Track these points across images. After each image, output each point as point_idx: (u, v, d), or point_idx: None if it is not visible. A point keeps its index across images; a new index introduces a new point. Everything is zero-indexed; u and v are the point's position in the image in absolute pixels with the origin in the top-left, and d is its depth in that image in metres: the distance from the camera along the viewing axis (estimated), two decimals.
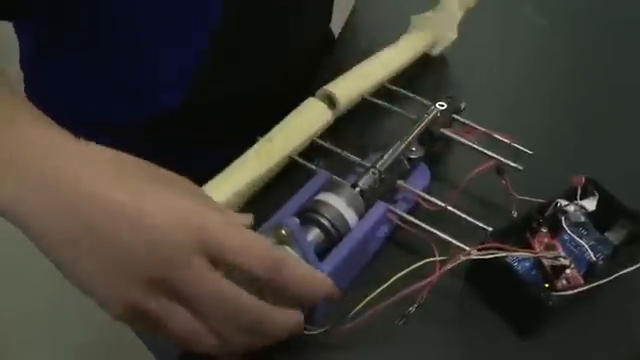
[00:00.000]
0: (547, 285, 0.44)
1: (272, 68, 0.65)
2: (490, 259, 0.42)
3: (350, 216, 0.43)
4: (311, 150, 0.54)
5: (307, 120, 0.53)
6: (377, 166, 0.47)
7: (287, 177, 0.52)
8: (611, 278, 0.43)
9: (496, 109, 0.64)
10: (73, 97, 0.62)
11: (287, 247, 0.38)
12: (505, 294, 0.44)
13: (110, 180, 0.33)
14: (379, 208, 0.45)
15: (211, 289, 0.33)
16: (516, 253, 0.42)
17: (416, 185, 0.50)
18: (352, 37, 0.76)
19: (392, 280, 0.39)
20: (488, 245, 0.42)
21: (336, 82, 0.56)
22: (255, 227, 0.41)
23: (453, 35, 0.68)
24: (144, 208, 0.32)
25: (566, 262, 0.44)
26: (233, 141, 0.50)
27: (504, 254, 0.42)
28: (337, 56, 0.72)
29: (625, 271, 0.43)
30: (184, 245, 0.32)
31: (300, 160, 0.51)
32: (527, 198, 0.49)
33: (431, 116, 0.53)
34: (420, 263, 0.40)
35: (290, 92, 0.57)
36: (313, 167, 0.50)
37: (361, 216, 0.44)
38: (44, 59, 0.62)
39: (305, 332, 0.41)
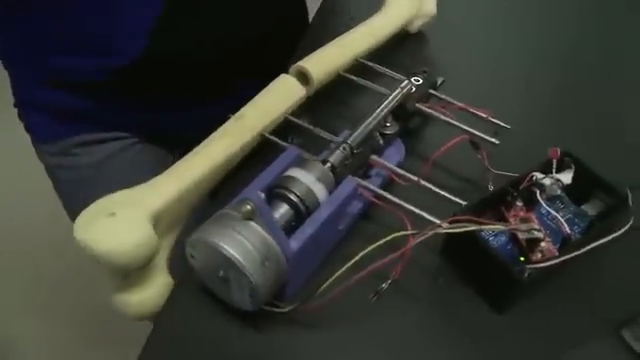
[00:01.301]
0: (522, 259, 0.44)
1: (235, 23, 0.68)
2: (464, 233, 0.41)
3: (320, 192, 0.42)
4: (286, 127, 0.53)
5: (279, 97, 0.52)
6: (348, 141, 0.46)
7: (260, 155, 0.51)
8: (585, 250, 0.42)
9: (475, 85, 0.63)
10: (43, 53, 0.64)
11: (252, 222, 0.37)
12: (479, 268, 0.44)
13: None
14: (349, 183, 0.44)
15: None
16: (488, 226, 0.41)
17: (390, 160, 0.49)
18: (326, 18, 0.75)
19: (359, 256, 0.38)
20: (459, 218, 0.41)
21: (309, 58, 0.55)
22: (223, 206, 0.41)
23: (432, 11, 0.67)
24: None
25: (540, 235, 0.43)
26: (215, 101, 0.50)
27: (475, 227, 0.41)
28: (312, 39, 0.70)
29: (599, 242, 0.42)
30: None
31: (272, 138, 0.50)
32: (505, 172, 0.49)
33: (404, 91, 0.52)
34: (389, 238, 0.39)
35: (258, 54, 0.63)
36: (285, 144, 0.49)
37: (332, 192, 0.43)
38: (12, 17, 0.63)
39: (275, 310, 0.40)
